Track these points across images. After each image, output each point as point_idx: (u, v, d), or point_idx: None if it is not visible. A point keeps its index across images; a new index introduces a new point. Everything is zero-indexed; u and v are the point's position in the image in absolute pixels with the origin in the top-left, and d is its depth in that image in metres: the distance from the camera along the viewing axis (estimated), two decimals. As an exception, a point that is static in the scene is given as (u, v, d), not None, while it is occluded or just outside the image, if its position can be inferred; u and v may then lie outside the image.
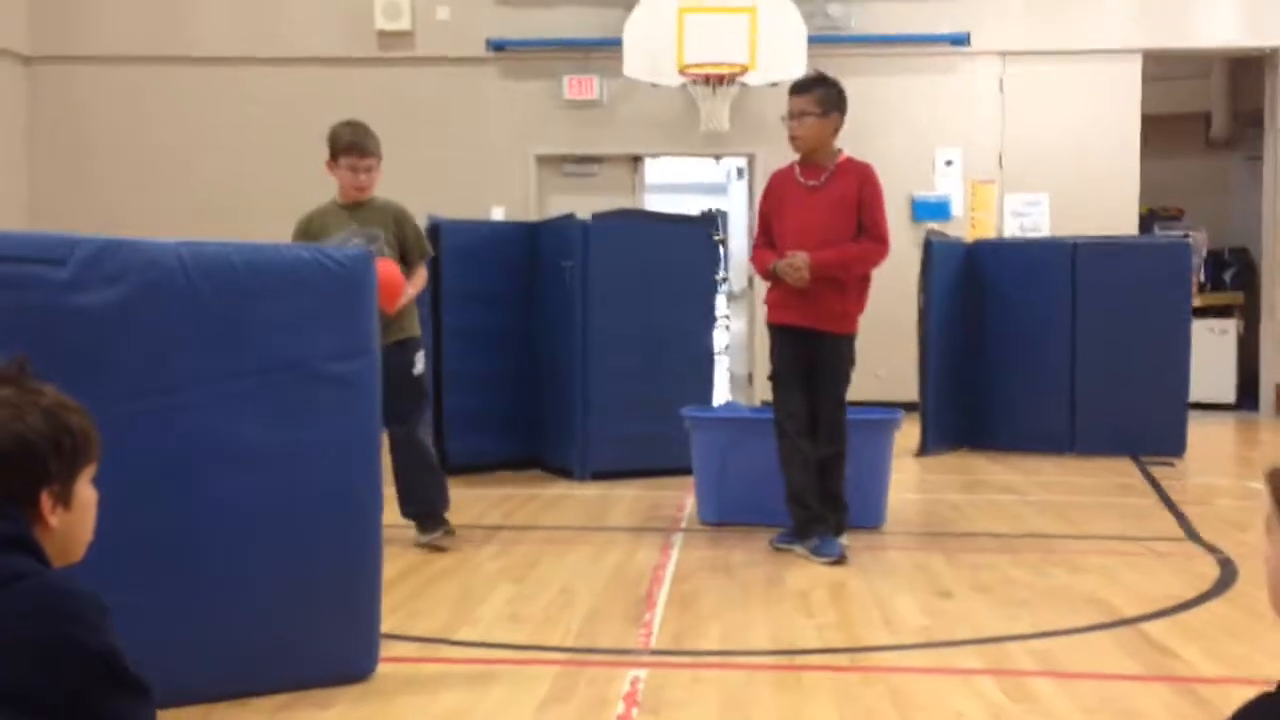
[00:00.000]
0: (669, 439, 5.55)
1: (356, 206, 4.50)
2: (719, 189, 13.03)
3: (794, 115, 4.42)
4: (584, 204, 11.54)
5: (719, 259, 7.15)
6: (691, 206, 17.31)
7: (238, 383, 2.68)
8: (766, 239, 4.57)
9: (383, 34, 11.46)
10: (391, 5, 11.41)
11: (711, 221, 6.93)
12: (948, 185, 11.29)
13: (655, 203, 11.69)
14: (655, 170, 12.07)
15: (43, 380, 1.61)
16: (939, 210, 11.13)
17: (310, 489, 2.76)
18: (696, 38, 10.08)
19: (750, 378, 11.45)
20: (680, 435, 5.25)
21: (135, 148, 11.42)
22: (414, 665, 3.05)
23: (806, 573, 4.19)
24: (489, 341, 6.76)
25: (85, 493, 1.62)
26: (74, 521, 1.61)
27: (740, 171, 11.98)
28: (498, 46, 11.38)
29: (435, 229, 6.69)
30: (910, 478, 6.69)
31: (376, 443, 2.90)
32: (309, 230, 4.43)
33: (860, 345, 4.60)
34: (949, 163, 11.32)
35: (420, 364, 4.55)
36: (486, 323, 6.75)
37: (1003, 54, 11.30)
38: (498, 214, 11.41)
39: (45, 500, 1.55)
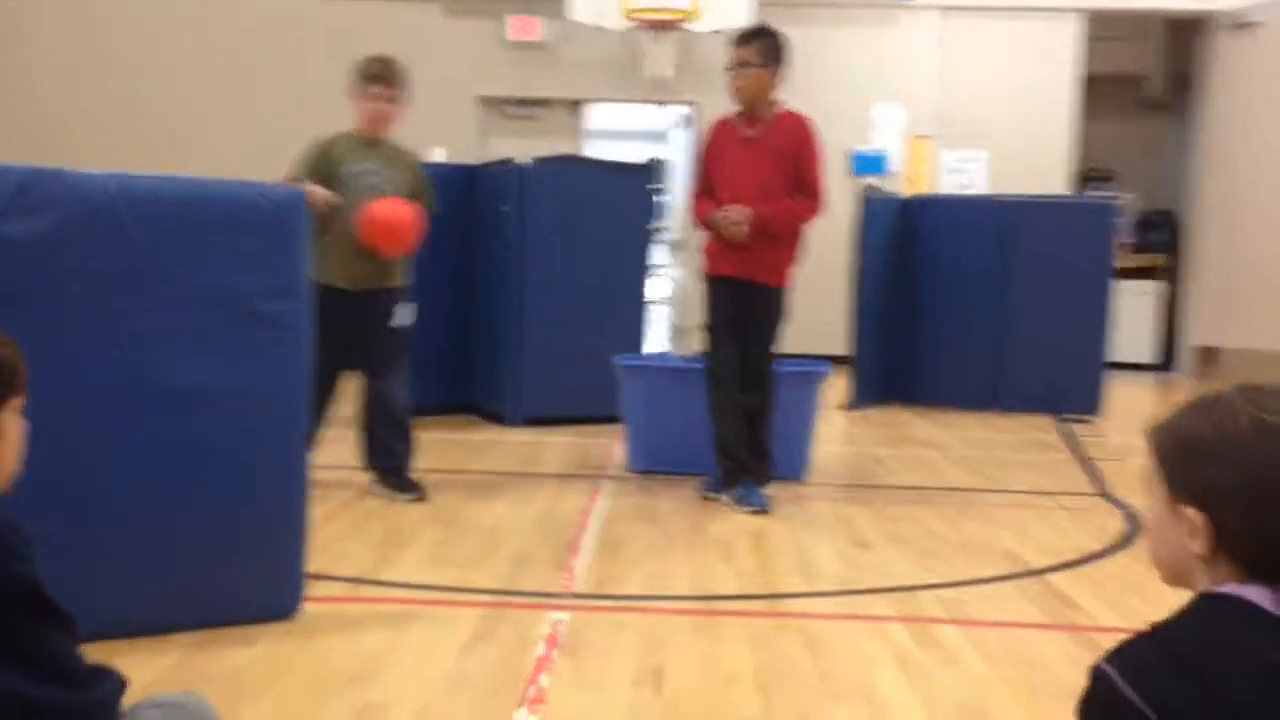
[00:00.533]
0: (602, 387, 5.60)
1: (375, 143, 4.40)
2: (661, 137, 13.00)
3: (736, 65, 4.46)
4: (525, 147, 11.47)
5: (658, 208, 7.14)
6: (634, 154, 17.29)
7: (166, 318, 2.68)
8: (704, 187, 4.61)
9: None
10: (332, -62, 11.18)
11: (652, 170, 6.90)
12: (886, 140, 11.38)
13: (597, 149, 11.64)
14: (598, 116, 12.01)
15: None
16: (876, 164, 11.22)
17: (237, 429, 2.77)
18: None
19: (692, 330, 11.52)
20: (613, 383, 5.31)
21: (73, 70, 11.16)
22: (338, 605, 3.10)
23: (730, 522, 4.28)
24: (423, 285, 6.69)
25: (11, 425, 1.63)
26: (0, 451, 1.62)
27: (688, 120, 11.96)
28: (443, -15, 11.23)
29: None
30: (837, 430, 6.82)
31: (304, 385, 2.91)
32: (329, 155, 4.30)
33: (793, 298, 4.67)
34: (886, 118, 11.40)
35: (401, 316, 4.46)
36: (421, 267, 6.69)
37: (944, 9, 11.36)
38: (439, 156, 11.31)
39: None
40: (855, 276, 7.90)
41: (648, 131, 13.35)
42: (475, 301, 6.82)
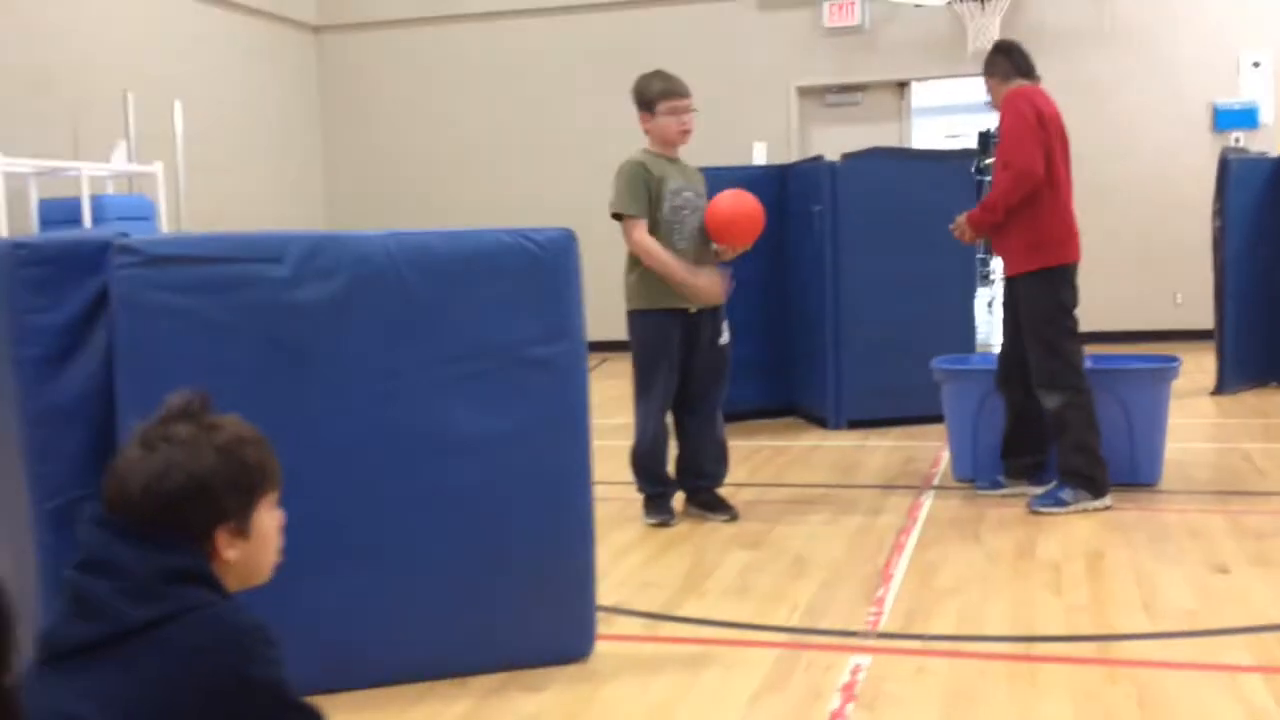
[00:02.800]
0: (930, 387, 5.29)
1: (674, 160, 4.32)
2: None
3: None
4: (848, 135, 11.21)
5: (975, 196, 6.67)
6: (965, 128, 16.49)
7: (446, 369, 2.72)
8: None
9: (638, -24, 11.42)
10: (646, -54, 11.34)
11: (973, 154, 6.47)
12: (1255, 90, 10.18)
13: (924, 127, 11.18)
14: (923, 93, 11.52)
15: (221, 413, 1.64)
16: (1245, 118, 10.07)
17: (519, 473, 2.77)
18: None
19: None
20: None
21: (417, 105, 11.96)
22: (633, 645, 3.05)
23: (1062, 541, 3.90)
24: (741, 289, 6.61)
25: (265, 521, 1.64)
26: (253, 550, 1.63)
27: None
28: (754, -22, 11.12)
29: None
30: (1201, 422, 6.14)
31: (584, 424, 2.88)
32: (650, 176, 4.21)
33: (1156, 270, 4.36)
34: (1256, 64, 10.19)
35: (727, 333, 4.39)
36: (738, 271, 6.60)
37: (1321, -65, 10.04)
38: (758, 151, 11.24)
39: (221, 536, 1.58)
40: (1217, 247, 7.10)
41: (979, 104, 12.69)
42: (792, 303, 6.66)
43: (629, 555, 3.86)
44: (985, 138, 6.27)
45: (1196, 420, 6.18)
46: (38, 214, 7.93)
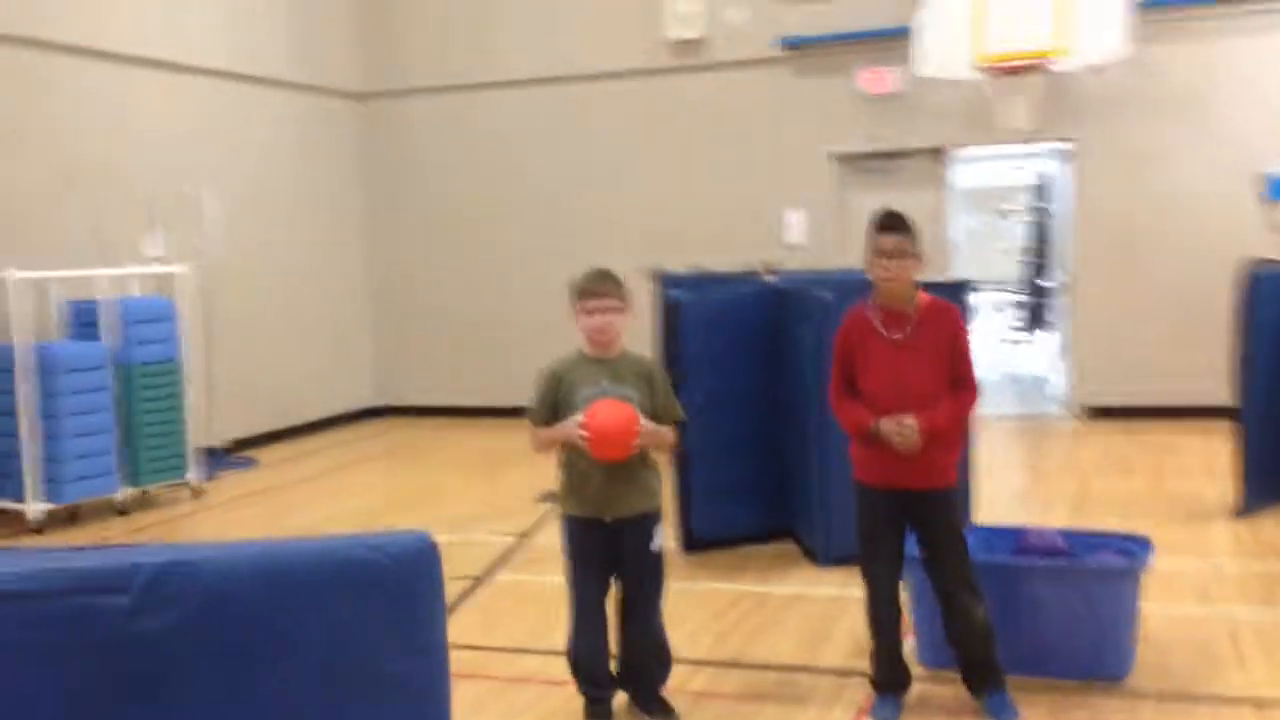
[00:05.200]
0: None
1: (604, 359, 4.22)
2: (1033, 161, 12.09)
3: (890, 254, 3.96)
4: (886, 201, 11.00)
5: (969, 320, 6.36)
6: (1007, 178, 16.30)
7: (293, 693, 2.69)
8: (847, 383, 4.17)
9: (675, 42, 11.35)
10: (682, 14, 11.27)
11: (966, 285, 6.25)
12: (1306, 161, 9.77)
13: (964, 190, 10.90)
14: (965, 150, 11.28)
15: None
16: (1297, 189, 9.70)
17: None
18: (996, 23, 9.22)
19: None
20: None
21: (462, 169, 12.06)
22: None
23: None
24: (733, 408, 6.56)
25: None
26: None
27: (1066, 156, 10.96)
28: (791, 45, 10.99)
29: (676, 304, 6.57)
30: (1201, 569, 5.88)
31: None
32: (560, 383, 4.18)
33: (1203, 344, 4.12)
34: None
35: (659, 538, 4.27)
36: (729, 388, 6.55)
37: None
38: (793, 219, 11.12)
39: None
40: (1241, 364, 6.81)
41: (1017, 154, 12.45)
42: (784, 427, 6.56)
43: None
44: (965, 282, 6.08)
45: (1200, 562, 5.94)
46: (62, 317, 8.16)
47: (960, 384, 4.06)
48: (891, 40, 10.28)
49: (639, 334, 5.16)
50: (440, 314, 12.26)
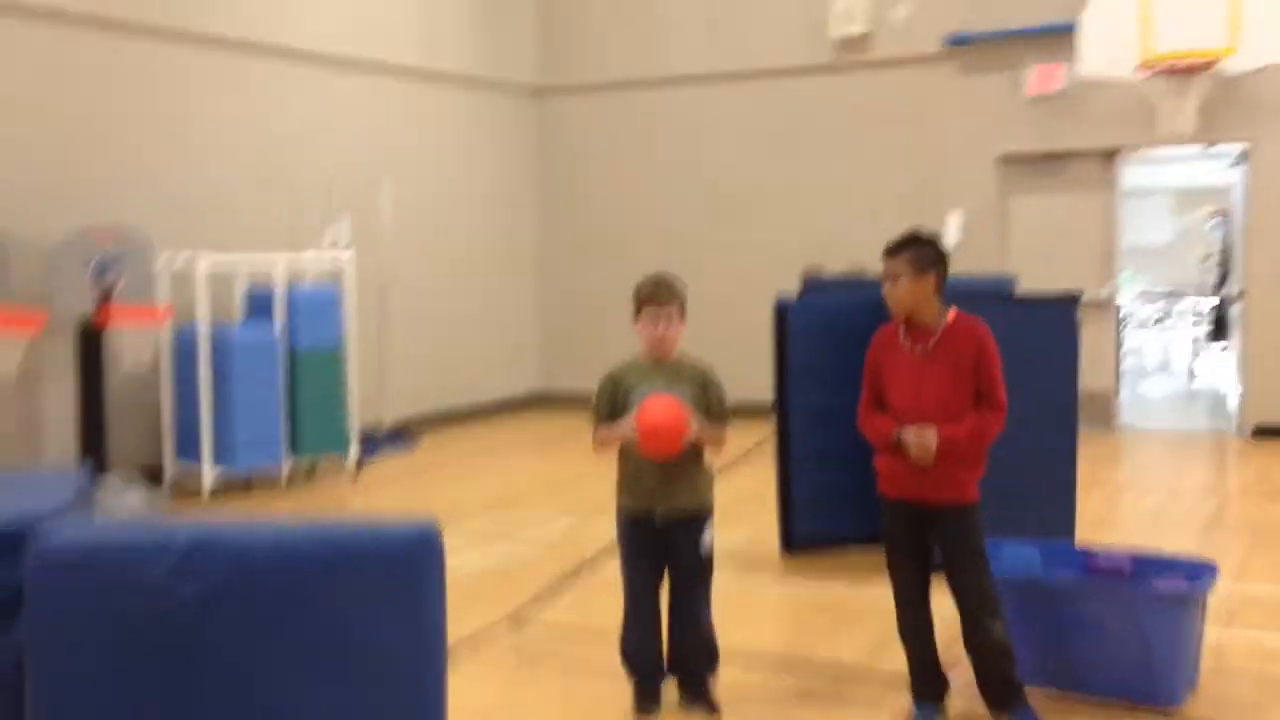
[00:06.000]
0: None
1: (661, 363, 4.42)
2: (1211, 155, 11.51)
3: (887, 278, 4.11)
4: (1051, 204, 10.75)
5: (1076, 349, 6.18)
6: (1187, 180, 15.62)
7: (299, 671, 3.02)
8: (876, 399, 4.25)
9: (838, 40, 11.37)
10: (846, 11, 11.28)
11: (1075, 301, 6.12)
12: None
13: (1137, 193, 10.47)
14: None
15: None
16: None
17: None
18: (1164, 22, 8.90)
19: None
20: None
21: (626, 164, 12.43)
22: None
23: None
24: (836, 419, 6.62)
25: None
26: None
27: (1242, 156, 10.43)
28: (956, 42, 10.84)
29: (782, 310, 6.71)
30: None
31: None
32: (619, 386, 4.40)
33: None
34: None
35: (709, 539, 4.43)
36: (833, 400, 6.62)
37: None
38: (953, 222, 10.97)
39: None
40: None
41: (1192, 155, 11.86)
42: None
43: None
44: (1075, 296, 5.86)
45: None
46: (243, 302, 8.98)
47: (985, 403, 4.10)
48: (1059, 37, 10.01)
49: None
50: (605, 307, 12.65)
